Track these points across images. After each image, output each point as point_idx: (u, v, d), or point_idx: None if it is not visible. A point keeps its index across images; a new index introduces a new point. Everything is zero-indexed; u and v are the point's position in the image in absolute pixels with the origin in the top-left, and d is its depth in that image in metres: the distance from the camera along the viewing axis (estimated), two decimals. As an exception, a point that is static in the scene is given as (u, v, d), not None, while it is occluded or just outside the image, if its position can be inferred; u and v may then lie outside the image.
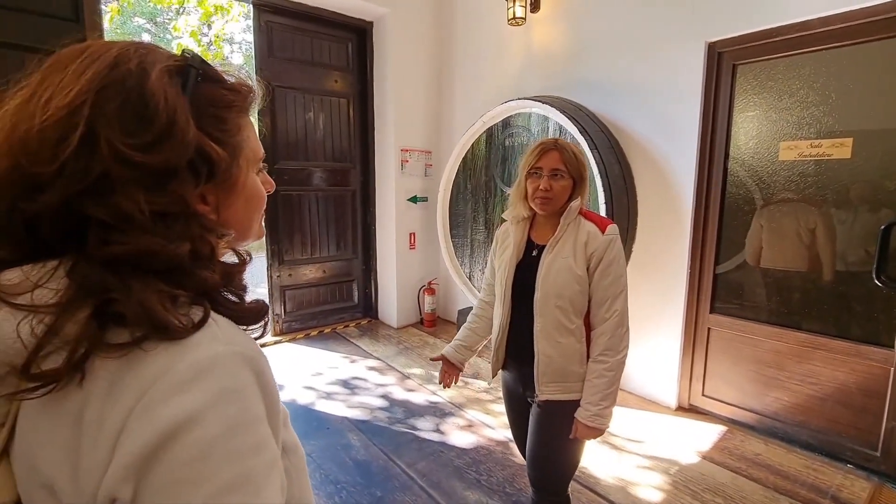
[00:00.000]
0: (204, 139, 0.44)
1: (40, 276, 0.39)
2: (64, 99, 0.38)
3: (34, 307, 0.37)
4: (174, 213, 0.42)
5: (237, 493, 0.36)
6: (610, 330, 1.30)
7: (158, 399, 0.36)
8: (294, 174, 3.74)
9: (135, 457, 0.35)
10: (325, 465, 2.18)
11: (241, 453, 0.38)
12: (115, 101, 0.39)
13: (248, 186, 0.51)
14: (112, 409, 0.36)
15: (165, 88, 0.41)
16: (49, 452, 0.39)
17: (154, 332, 0.38)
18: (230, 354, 0.41)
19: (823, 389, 2.27)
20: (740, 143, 2.45)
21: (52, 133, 0.38)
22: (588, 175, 1.36)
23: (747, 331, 2.48)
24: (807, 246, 2.29)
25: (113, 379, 0.37)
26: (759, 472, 2.14)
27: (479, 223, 3.41)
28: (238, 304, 0.47)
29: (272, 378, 0.44)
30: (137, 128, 0.39)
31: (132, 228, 0.39)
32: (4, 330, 0.37)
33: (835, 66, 2.13)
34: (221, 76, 0.48)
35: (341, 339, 3.85)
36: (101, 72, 0.40)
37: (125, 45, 0.43)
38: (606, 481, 2.07)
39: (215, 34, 7.48)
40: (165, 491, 0.35)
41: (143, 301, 0.38)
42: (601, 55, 2.89)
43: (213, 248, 0.45)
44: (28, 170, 0.38)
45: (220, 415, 0.37)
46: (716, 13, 2.38)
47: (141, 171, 0.39)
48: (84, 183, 0.38)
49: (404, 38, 3.80)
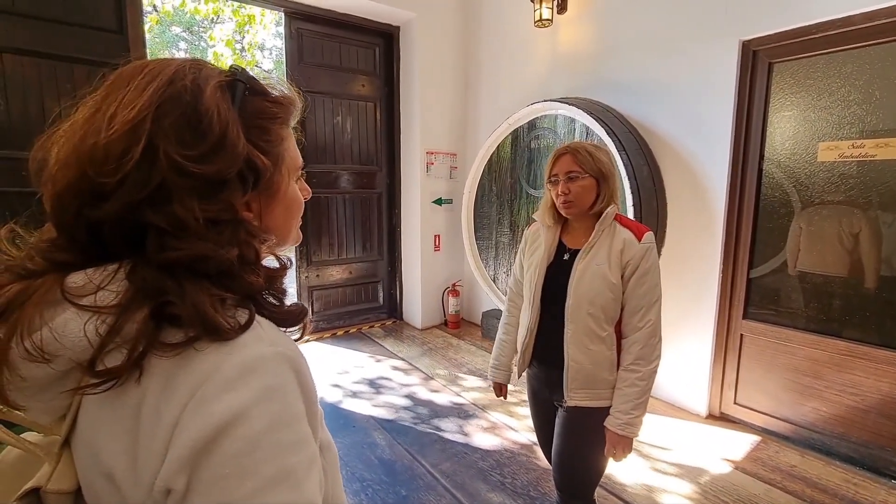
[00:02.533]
0: (252, 150, 0.46)
1: (102, 278, 0.41)
2: (128, 114, 0.41)
3: (97, 308, 0.40)
4: (224, 220, 0.44)
5: (280, 488, 0.38)
6: (643, 339, 1.28)
7: (209, 396, 0.38)
8: (322, 177, 3.82)
9: (188, 450, 0.37)
10: (351, 462, 2.22)
11: (283, 449, 0.39)
12: (173, 116, 0.42)
13: (289, 194, 0.53)
14: (167, 405, 0.39)
15: (218, 103, 0.44)
16: (110, 444, 0.41)
17: (205, 332, 0.40)
18: (274, 355, 0.42)
19: (865, 400, 2.17)
20: (776, 143, 2.37)
21: (117, 146, 0.40)
22: (613, 172, 1.34)
23: (783, 338, 2.40)
24: (849, 250, 2.20)
25: (168, 376, 0.40)
26: (795, 484, 2.07)
27: (503, 225, 3.41)
28: (279, 307, 0.49)
29: (311, 378, 0.46)
30: (193, 140, 0.42)
31: (187, 234, 0.41)
32: (71, 328, 0.40)
33: (879, 62, 2.04)
34: (266, 89, 0.50)
35: (367, 339, 3.91)
36: (160, 88, 0.42)
37: (181, 62, 0.46)
38: (633, 488, 2.03)
39: (248, 42, 7.73)
40: (215, 483, 0.37)
41: (196, 303, 0.40)
42: (629, 55, 2.85)
43: (258, 252, 0.47)
44: (94, 180, 0.40)
45: (265, 411, 0.39)
46: (750, 11, 2.31)
47: (196, 181, 0.42)
48: (144, 192, 0.40)
49: (430, 42, 3.84)
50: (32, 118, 2.59)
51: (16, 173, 2.57)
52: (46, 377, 0.41)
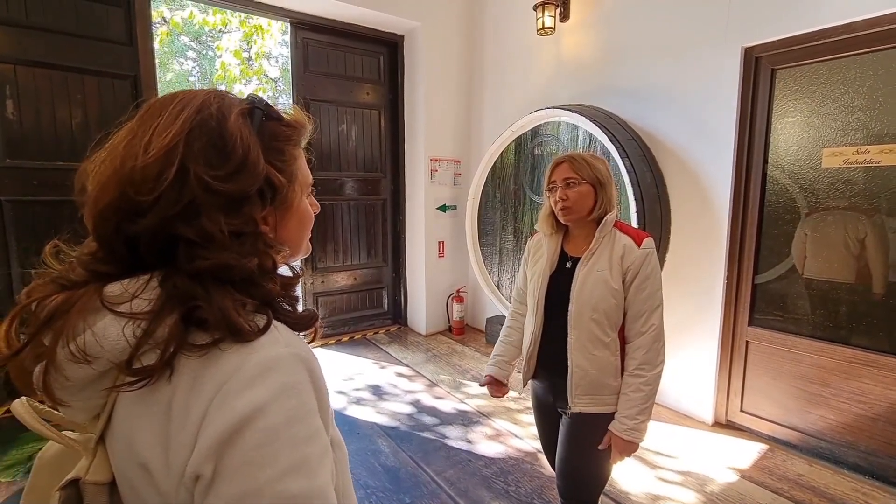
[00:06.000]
0: (270, 169, 0.51)
1: (136, 288, 0.46)
2: (163, 141, 0.46)
3: (133, 314, 0.44)
4: (246, 233, 0.49)
5: (296, 475, 0.42)
6: (647, 344, 1.29)
7: (233, 392, 0.42)
8: (327, 184, 3.86)
9: (214, 440, 0.41)
10: (355, 469, 2.22)
11: (299, 440, 0.43)
12: (202, 141, 0.47)
13: (301, 209, 0.59)
14: (196, 400, 0.43)
15: (241, 128, 0.49)
16: (144, 436, 0.45)
17: (230, 334, 0.45)
18: (289, 355, 0.46)
19: (874, 409, 2.14)
20: (780, 149, 2.37)
21: (154, 169, 0.45)
22: (610, 180, 1.36)
23: (789, 345, 2.38)
24: (855, 256, 2.18)
25: (195, 374, 0.44)
26: (802, 493, 2.04)
27: (507, 232, 3.42)
28: (293, 312, 0.53)
29: (323, 377, 0.51)
30: (219, 162, 0.47)
31: (214, 245, 0.46)
32: (110, 332, 0.44)
33: (882, 68, 2.04)
34: (280, 114, 0.56)
35: (371, 345, 3.92)
36: (191, 117, 0.48)
37: (206, 93, 0.51)
38: (638, 497, 2.02)
39: (255, 52, 7.83)
40: (238, 470, 0.41)
41: (222, 307, 0.45)
42: (632, 63, 2.86)
43: (275, 262, 0.52)
44: (133, 198, 0.45)
45: (282, 406, 0.43)
46: (752, 18, 2.32)
47: (221, 198, 0.47)
48: (177, 208, 0.45)
49: (434, 50, 3.87)
50: (44, 128, 2.64)
51: (28, 182, 2.62)
52: (87, 377, 0.46)
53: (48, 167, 2.65)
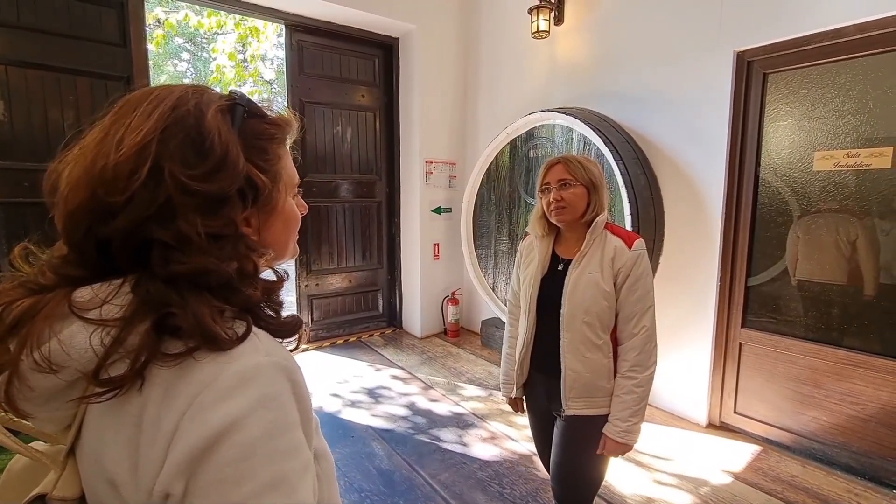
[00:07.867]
0: (251, 168, 0.49)
1: (107, 293, 0.43)
2: (135, 138, 0.43)
3: (102, 321, 0.42)
4: (226, 235, 0.46)
5: (274, 493, 0.39)
6: (639, 346, 1.29)
7: (207, 404, 0.40)
8: (322, 186, 3.84)
9: (186, 456, 0.38)
10: (349, 472, 2.21)
11: (278, 455, 0.41)
12: (178, 138, 0.44)
13: (286, 210, 0.56)
14: (167, 412, 0.40)
15: (219, 125, 0.46)
16: (113, 450, 0.43)
17: (205, 343, 0.42)
18: (269, 365, 0.44)
19: (866, 410, 2.16)
20: (772, 152, 2.39)
21: (125, 167, 0.43)
22: (604, 183, 1.36)
23: (782, 346, 2.39)
24: (847, 258, 2.20)
25: (168, 385, 0.41)
26: (796, 494, 2.05)
27: (502, 234, 3.42)
28: (276, 319, 0.51)
29: (306, 388, 0.47)
30: (196, 160, 0.44)
31: (190, 249, 0.43)
32: (77, 340, 0.42)
33: (873, 73, 2.06)
34: (263, 111, 0.53)
35: (366, 347, 3.90)
36: (165, 113, 0.45)
37: (184, 88, 0.49)
38: (632, 499, 2.02)
39: (250, 54, 7.81)
40: (212, 488, 0.38)
41: (197, 314, 0.42)
42: (626, 66, 2.88)
43: (256, 266, 0.49)
44: (104, 199, 0.43)
45: (261, 419, 0.41)
46: (744, 22, 2.34)
47: (199, 199, 0.44)
48: (150, 209, 0.43)
49: (429, 53, 3.88)
50: (36, 130, 2.61)
51: (19, 184, 2.60)
52: (54, 387, 0.43)
53: (40, 169, 2.62)
